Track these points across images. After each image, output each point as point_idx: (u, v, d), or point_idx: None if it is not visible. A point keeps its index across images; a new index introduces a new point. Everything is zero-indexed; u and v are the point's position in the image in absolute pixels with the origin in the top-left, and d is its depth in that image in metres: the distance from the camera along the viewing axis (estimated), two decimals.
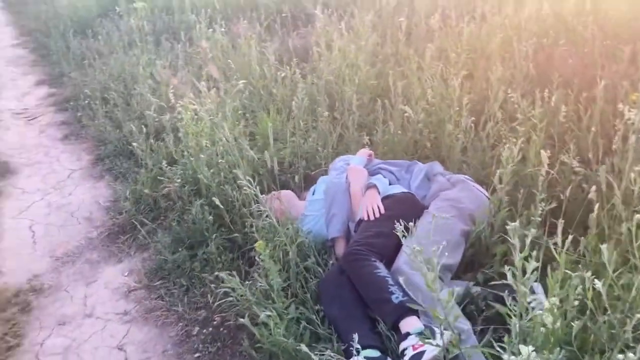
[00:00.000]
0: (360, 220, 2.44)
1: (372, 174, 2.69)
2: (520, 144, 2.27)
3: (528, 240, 1.35)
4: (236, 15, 6.09)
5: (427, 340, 1.76)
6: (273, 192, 2.76)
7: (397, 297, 2.03)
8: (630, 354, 1.22)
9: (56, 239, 3.06)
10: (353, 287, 2.17)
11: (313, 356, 1.70)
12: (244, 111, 3.61)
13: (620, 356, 1.21)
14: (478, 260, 2.28)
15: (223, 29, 5.05)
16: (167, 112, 3.44)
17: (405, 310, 1.99)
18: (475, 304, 2.08)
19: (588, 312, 1.56)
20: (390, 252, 2.23)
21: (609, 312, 1.57)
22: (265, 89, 3.81)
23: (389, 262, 2.20)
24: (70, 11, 7.38)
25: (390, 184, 2.62)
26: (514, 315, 1.40)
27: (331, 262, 2.42)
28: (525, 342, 1.40)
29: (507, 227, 1.40)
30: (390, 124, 3.06)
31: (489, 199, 2.40)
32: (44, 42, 6.92)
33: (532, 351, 1.32)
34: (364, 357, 1.89)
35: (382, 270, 2.14)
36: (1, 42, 7.54)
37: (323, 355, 1.86)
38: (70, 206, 3.38)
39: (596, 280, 1.40)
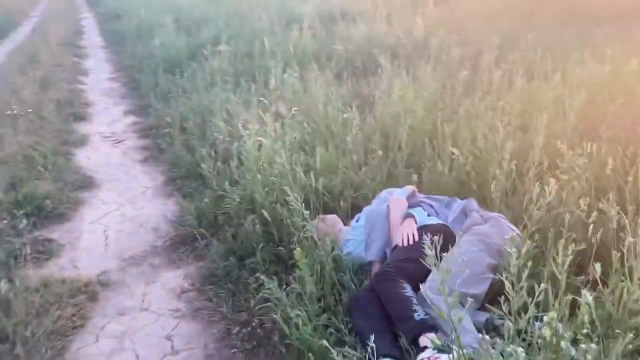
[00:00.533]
0: (396, 246, 2.63)
1: (413, 206, 2.88)
2: (555, 184, 2.40)
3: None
4: (311, 62, 6.50)
5: (442, 348, 1.91)
6: (320, 215, 3.01)
7: (419, 315, 2.19)
8: None
9: (125, 244, 3.41)
10: (381, 304, 2.35)
11: (335, 353, 1.89)
12: (304, 145, 3.90)
13: None
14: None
15: (296, 74, 5.43)
16: (235, 141, 3.78)
17: (426, 327, 2.16)
18: (498, 333, 2.19)
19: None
20: (419, 277, 2.38)
21: None
22: (327, 128, 4.10)
23: (417, 287, 2.36)
24: (163, 52, 8.09)
25: (429, 216, 2.80)
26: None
27: (366, 281, 2.61)
28: None
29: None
30: (439, 163, 3.26)
31: (519, 236, 2.52)
32: (136, 77, 7.62)
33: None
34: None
35: (408, 290, 2.31)
36: (99, 75, 8.33)
37: (345, 357, 2.04)
38: (141, 217, 3.74)
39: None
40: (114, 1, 17.45)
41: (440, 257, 2.00)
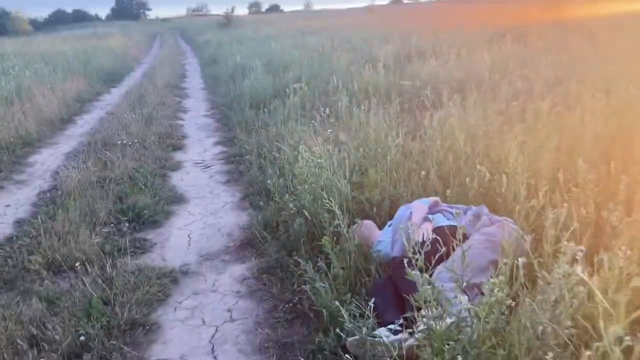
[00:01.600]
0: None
1: (435, 213, 3.39)
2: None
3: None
4: (380, 97, 7.13)
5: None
6: (358, 221, 3.59)
7: None
8: None
9: (204, 245, 4.14)
10: (396, 289, 2.88)
11: (344, 311, 2.45)
12: (358, 166, 4.50)
13: None
14: None
15: (363, 107, 6.07)
16: (295, 162, 4.46)
17: None
18: None
19: None
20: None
21: None
22: (377, 152, 4.68)
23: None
24: (252, 91, 9.07)
25: (448, 220, 3.30)
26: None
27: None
28: None
29: None
30: (467, 179, 3.74)
31: (523, 237, 2.97)
32: (227, 114, 8.60)
33: None
34: (387, 328, 2.58)
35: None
36: (196, 112, 9.45)
37: (354, 317, 2.58)
38: (219, 225, 4.49)
39: None
40: (216, 48, 19.20)
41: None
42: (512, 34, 12.14)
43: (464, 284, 2.41)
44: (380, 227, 3.65)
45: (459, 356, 1.92)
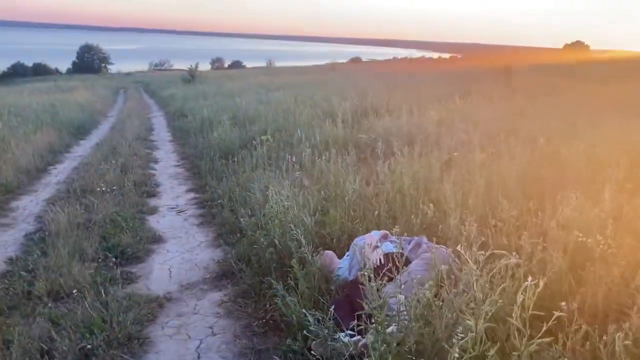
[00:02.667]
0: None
1: (384, 242, 4.05)
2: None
3: None
4: (338, 148, 7.87)
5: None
6: (321, 251, 4.21)
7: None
8: None
9: (183, 276, 4.67)
10: (352, 305, 3.49)
11: (310, 317, 3.05)
12: (319, 205, 5.15)
13: None
14: None
15: (324, 157, 6.77)
16: (265, 203, 5.09)
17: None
18: None
19: None
20: None
21: None
22: (336, 194, 5.35)
23: None
24: (220, 143, 9.73)
25: (394, 248, 3.96)
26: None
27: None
28: None
29: None
30: (412, 216, 4.43)
31: (455, 260, 3.64)
32: (197, 164, 9.20)
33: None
34: (345, 334, 3.18)
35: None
36: (167, 163, 10.01)
37: (319, 322, 3.17)
38: (196, 260, 5.03)
39: None
40: (182, 102, 19.88)
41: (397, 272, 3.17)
42: (460, 93, 13.29)
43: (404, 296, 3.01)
44: (340, 257, 4.29)
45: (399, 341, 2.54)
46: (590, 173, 4.62)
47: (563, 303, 2.13)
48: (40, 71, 69.52)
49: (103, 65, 77.13)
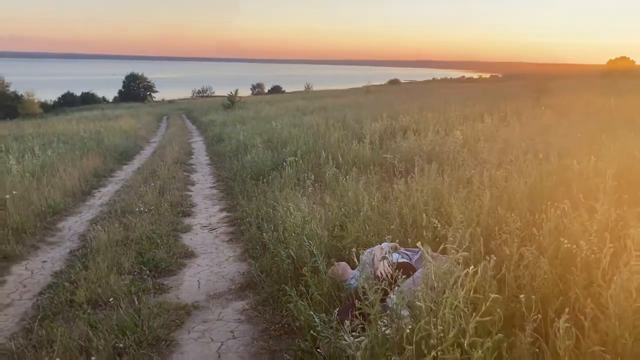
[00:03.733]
0: (376, 277, 4.07)
1: (393, 253, 4.33)
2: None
3: None
4: (367, 167, 8.16)
5: None
6: (334, 262, 4.52)
7: None
8: None
9: (211, 287, 5.04)
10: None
11: (316, 317, 3.35)
12: (339, 221, 5.47)
13: None
14: None
15: (348, 176, 7.10)
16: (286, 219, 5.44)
17: None
18: None
19: None
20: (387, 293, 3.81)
21: None
22: (355, 210, 5.66)
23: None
24: (252, 165, 10.19)
25: (402, 259, 4.24)
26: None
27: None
28: None
29: None
30: (423, 230, 4.70)
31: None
32: (230, 185, 9.67)
33: None
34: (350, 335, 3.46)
35: None
36: (203, 185, 10.51)
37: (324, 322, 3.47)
38: (223, 273, 5.40)
39: None
40: (220, 128, 20.59)
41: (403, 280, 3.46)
42: (490, 112, 13.46)
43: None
44: (354, 268, 4.58)
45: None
46: (592, 185, 4.79)
47: (522, 295, 2.38)
48: (88, 100, 72.61)
49: (148, 93, 79.98)
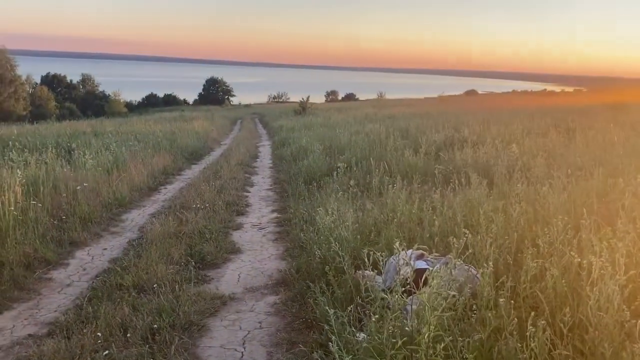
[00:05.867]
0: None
1: (419, 259, 4.47)
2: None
3: None
4: (416, 176, 8.25)
5: None
6: (359, 271, 4.70)
7: None
8: None
9: (249, 281, 5.35)
10: None
11: (331, 313, 3.56)
12: (375, 227, 5.65)
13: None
14: None
15: (396, 185, 7.24)
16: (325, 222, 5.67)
17: None
18: None
19: None
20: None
21: None
22: (392, 217, 5.81)
23: None
24: (308, 170, 10.51)
25: (427, 265, 4.37)
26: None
27: None
28: None
29: None
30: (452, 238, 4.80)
31: (477, 277, 4.00)
32: (285, 188, 10.02)
33: None
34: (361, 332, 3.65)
35: None
36: (261, 187, 10.94)
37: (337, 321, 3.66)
38: (263, 269, 5.70)
39: None
40: (287, 132, 21.14)
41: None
42: (559, 127, 13.17)
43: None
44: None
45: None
46: (628, 206, 4.72)
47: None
48: (170, 101, 75.93)
49: (226, 97, 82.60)
